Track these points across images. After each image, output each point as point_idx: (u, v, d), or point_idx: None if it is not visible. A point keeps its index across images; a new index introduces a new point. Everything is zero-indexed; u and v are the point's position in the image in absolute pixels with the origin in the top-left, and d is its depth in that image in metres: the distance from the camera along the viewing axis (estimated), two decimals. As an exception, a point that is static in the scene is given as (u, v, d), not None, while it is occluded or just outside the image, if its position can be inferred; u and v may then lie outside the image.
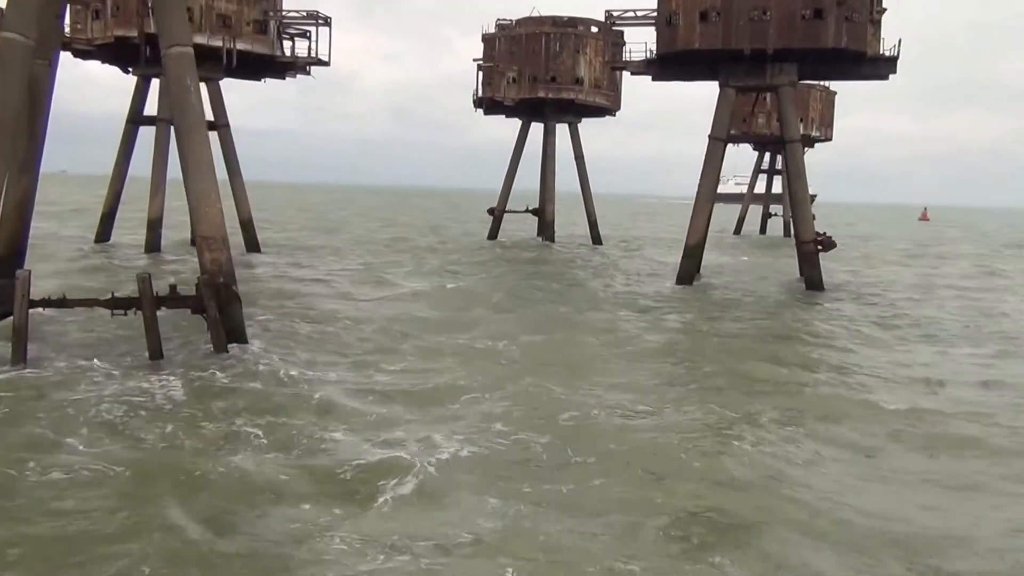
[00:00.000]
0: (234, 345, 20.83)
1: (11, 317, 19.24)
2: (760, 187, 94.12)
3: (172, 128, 26.91)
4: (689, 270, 41.16)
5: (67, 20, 44.80)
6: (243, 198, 48.07)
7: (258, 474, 13.01)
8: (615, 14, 43.44)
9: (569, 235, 72.61)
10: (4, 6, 21.10)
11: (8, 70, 20.25)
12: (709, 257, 58.05)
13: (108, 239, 49.38)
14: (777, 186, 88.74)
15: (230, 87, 50.56)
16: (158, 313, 19.85)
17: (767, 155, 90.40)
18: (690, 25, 38.50)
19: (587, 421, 16.50)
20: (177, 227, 53.98)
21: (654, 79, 42.91)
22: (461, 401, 17.70)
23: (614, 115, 67.54)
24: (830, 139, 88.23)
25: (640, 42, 42.11)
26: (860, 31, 37.40)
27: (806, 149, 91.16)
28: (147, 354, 19.84)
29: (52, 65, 23.57)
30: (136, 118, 47.38)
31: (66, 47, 44.73)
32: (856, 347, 25.85)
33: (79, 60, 45.20)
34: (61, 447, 14.00)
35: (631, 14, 42.65)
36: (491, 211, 69.17)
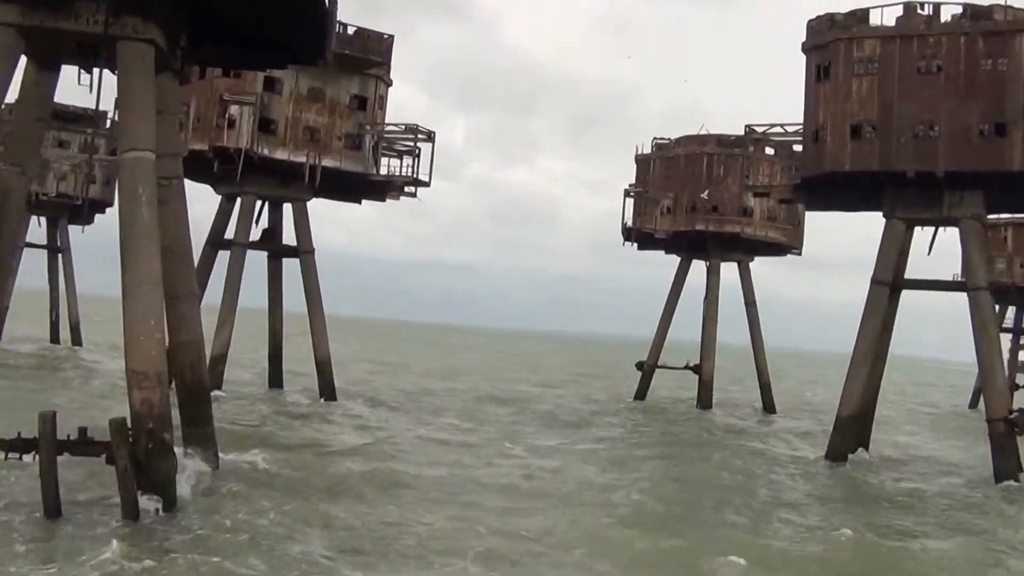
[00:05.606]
0: (153, 503, 20.25)
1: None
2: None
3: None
4: (839, 447, 37.79)
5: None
6: (322, 335, 48.75)
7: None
8: (758, 129, 42.07)
9: (738, 397, 68.97)
10: None
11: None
12: (907, 435, 53.60)
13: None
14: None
15: (410, 212, 52.29)
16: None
17: (1010, 309, 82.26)
18: (840, 142, 36.58)
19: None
20: (249, 364, 55.70)
21: (806, 208, 41.06)
22: None
23: (798, 253, 64.65)
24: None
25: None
26: (1062, 151, 34.19)
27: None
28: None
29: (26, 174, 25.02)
30: (217, 240, 49.54)
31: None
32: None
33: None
34: None
35: (777, 128, 41.12)
36: (639, 365, 66.50)
